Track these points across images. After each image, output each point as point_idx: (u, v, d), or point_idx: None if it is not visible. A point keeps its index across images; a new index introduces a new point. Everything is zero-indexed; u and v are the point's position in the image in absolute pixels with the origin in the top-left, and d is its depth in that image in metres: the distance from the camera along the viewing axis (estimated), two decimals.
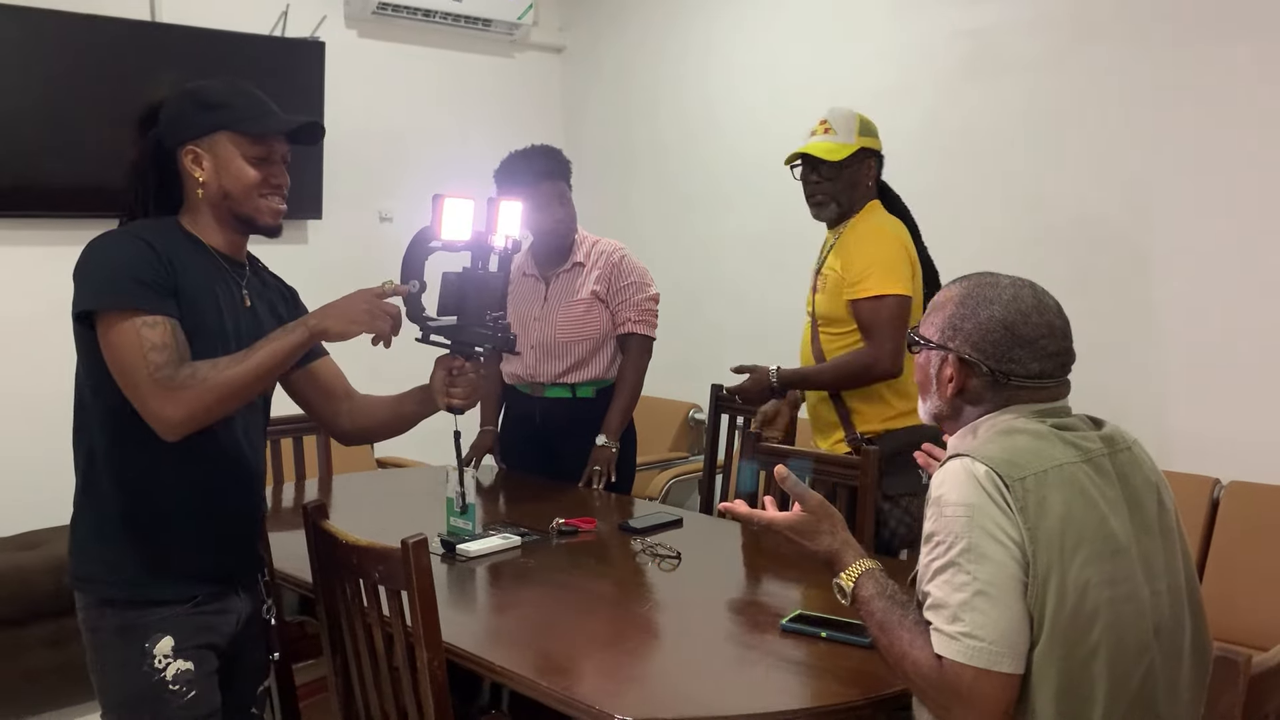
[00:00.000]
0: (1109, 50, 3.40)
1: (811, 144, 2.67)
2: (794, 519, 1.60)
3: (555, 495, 2.88)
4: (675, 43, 4.81)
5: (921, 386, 1.61)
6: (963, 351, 1.51)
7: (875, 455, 2.53)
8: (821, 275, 2.73)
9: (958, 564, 1.37)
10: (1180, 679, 1.45)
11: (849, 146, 2.65)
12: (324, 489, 3.13)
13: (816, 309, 2.75)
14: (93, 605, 1.74)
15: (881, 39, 4.03)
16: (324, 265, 4.36)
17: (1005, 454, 1.41)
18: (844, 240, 2.70)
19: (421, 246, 1.85)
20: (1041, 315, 1.50)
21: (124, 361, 1.63)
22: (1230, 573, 3.01)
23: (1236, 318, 3.17)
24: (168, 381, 1.61)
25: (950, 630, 1.37)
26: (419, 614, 1.71)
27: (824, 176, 2.67)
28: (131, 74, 3.66)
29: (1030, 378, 1.49)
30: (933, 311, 1.59)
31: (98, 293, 1.65)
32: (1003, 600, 1.35)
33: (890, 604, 1.48)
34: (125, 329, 1.62)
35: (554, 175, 3.02)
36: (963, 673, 1.35)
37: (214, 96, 1.76)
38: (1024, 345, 1.49)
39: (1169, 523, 1.50)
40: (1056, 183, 3.56)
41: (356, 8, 4.52)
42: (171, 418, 1.63)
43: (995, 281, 1.54)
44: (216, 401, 1.65)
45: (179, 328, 1.67)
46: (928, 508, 1.45)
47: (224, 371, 1.65)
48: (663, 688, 1.70)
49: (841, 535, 1.59)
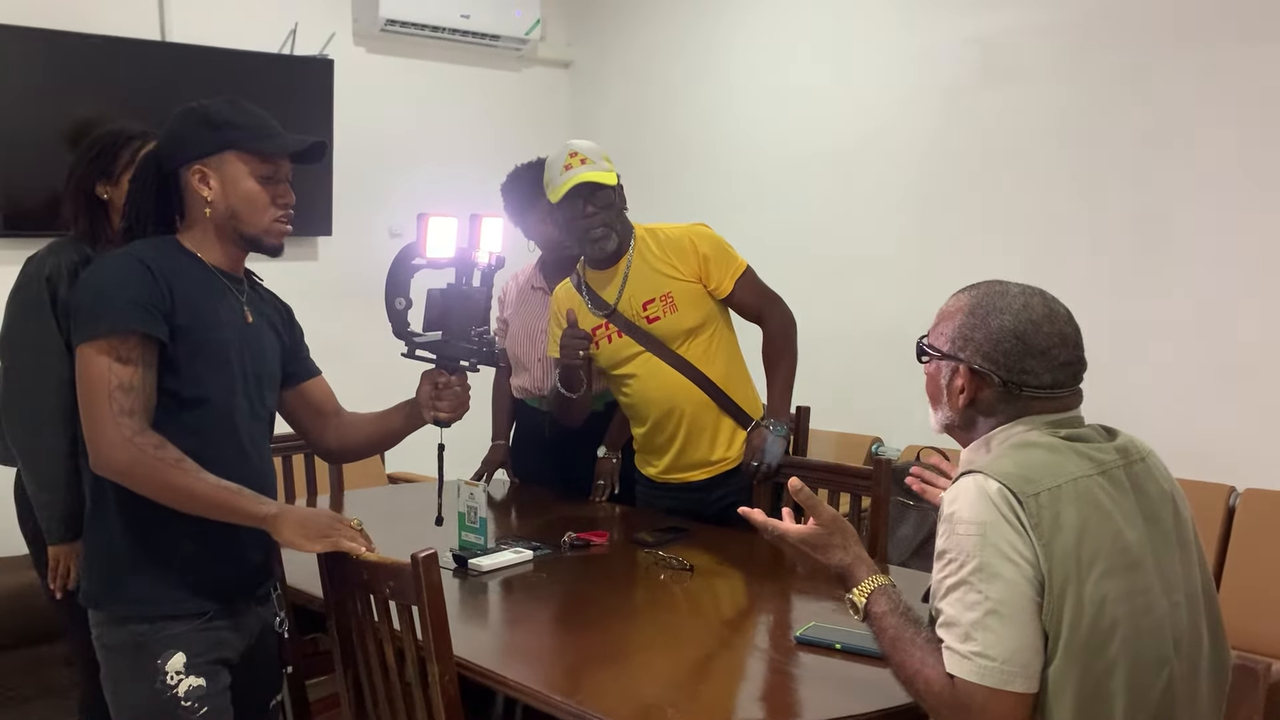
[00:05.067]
0: (1121, 56, 3.40)
1: (585, 174, 2.58)
2: (807, 532, 1.59)
3: (567, 508, 2.88)
4: (682, 56, 4.82)
5: (932, 397, 1.59)
6: (974, 362, 1.49)
7: (887, 465, 2.53)
8: (656, 302, 2.66)
9: (969, 583, 1.36)
10: (1199, 691, 1.43)
11: (611, 173, 2.63)
12: (336, 504, 3.13)
13: (674, 329, 2.66)
14: (105, 623, 1.74)
15: (890, 47, 4.04)
16: (334, 281, 4.39)
17: (1019, 469, 1.40)
18: (646, 260, 2.68)
19: (405, 264, 1.87)
20: (1053, 324, 1.48)
21: (89, 391, 1.66)
22: (1247, 580, 2.99)
23: (1253, 325, 3.16)
24: (132, 433, 1.64)
25: (962, 649, 1.35)
26: (430, 629, 1.70)
27: (601, 205, 2.62)
28: (142, 94, 3.69)
29: (1043, 388, 1.48)
30: (941, 321, 1.56)
31: (87, 324, 1.68)
32: (1015, 620, 1.34)
33: (903, 621, 1.46)
34: (98, 362, 1.65)
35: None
36: (975, 692, 1.34)
37: (219, 116, 1.77)
38: (1036, 355, 1.47)
39: (1186, 534, 1.48)
40: (1070, 189, 3.55)
41: (365, 25, 4.55)
42: (114, 462, 1.66)
43: (1005, 290, 1.52)
44: (157, 488, 1.67)
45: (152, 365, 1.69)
46: (940, 524, 1.43)
47: (185, 474, 1.67)
48: (676, 700, 1.69)
49: (854, 550, 1.57)
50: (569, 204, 2.63)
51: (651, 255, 2.70)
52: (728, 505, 2.71)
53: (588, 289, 2.77)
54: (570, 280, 2.85)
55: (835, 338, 3.82)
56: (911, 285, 3.87)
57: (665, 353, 2.68)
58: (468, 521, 2.48)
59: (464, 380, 1.91)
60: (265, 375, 1.87)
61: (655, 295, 2.67)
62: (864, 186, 4.15)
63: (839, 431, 3.98)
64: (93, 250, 2.33)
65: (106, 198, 2.37)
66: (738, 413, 2.72)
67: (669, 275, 2.68)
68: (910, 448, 3.81)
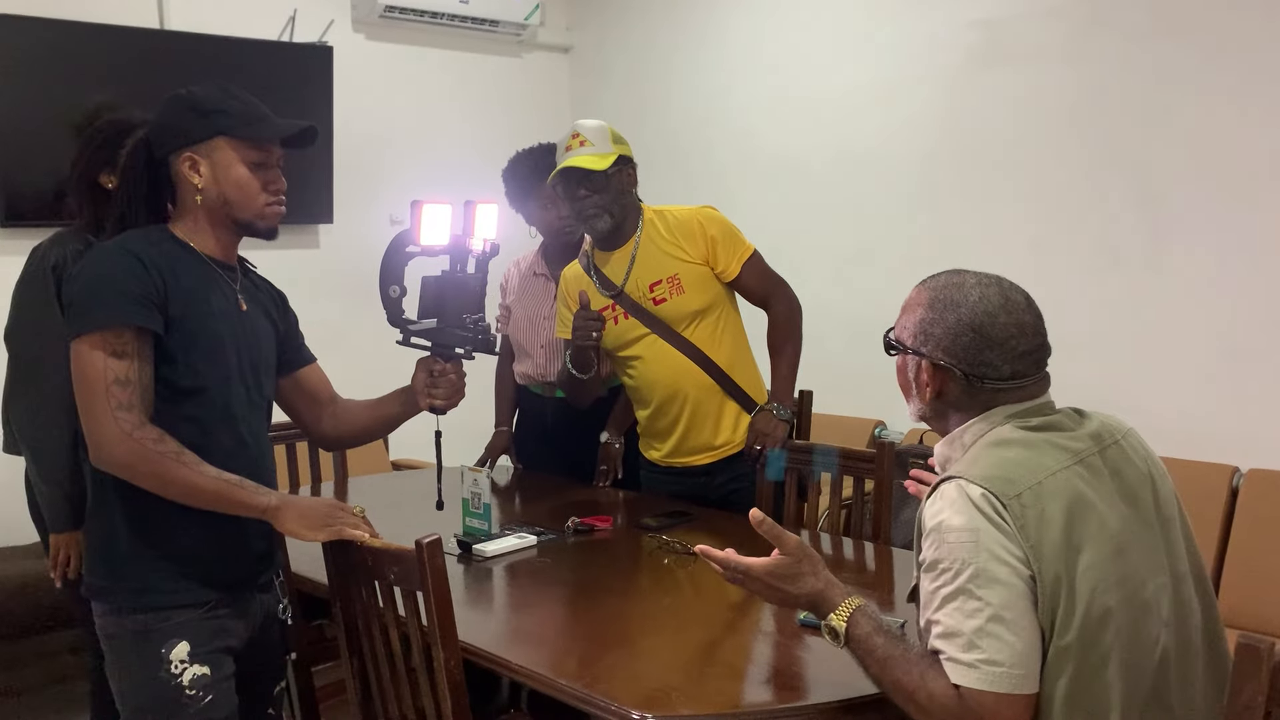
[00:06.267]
0: (1121, 39, 3.38)
1: (573, 159, 2.61)
2: (773, 564, 1.56)
3: (570, 494, 2.88)
4: (683, 39, 4.80)
5: (903, 389, 1.60)
6: (935, 357, 1.50)
7: (890, 448, 2.53)
8: (663, 284, 2.66)
9: (968, 590, 1.35)
10: (1192, 668, 1.43)
11: (609, 155, 2.63)
12: (340, 492, 3.14)
13: (680, 311, 2.66)
14: (109, 613, 1.75)
15: (892, 31, 4.02)
16: (335, 269, 4.38)
17: (998, 470, 1.39)
18: (654, 241, 2.68)
19: (400, 251, 1.87)
20: (1010, 314, 1.48)
21: (86, 387, 1.65)
22: (1251, 560, 2.99)
23: (1257, 305, 3.15)
24: (131, 427, 1.64)
25: (967, 658, 1.34)
26: (435, 614, 1.71)
27: (593, 189, 2.63)
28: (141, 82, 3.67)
29: (1003, 379, 1.48)
30: (904, 314, 1.57)
31: (81, 317, 1.67)
32: (1017, 622, 1.33)
33: (889, 639, 1.44)
34: (93, 357, 1.64)
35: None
36: (983, 699, 1.33)
37: (208, 102, 1.76)
38: (994, 347, 1.47)
39: (1168, 512, 1.48)
40: (1074, 170, 3.54)
41: (364, 11, 4.53)
42: (114, 458, 1.65)
43: (961, 282, 1.52)
44: (157, 481, 1.67)
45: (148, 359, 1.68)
46: (926, 535, 1.42)
47: (185, 468, 1.67)
48: (682, 684, 1.70)
49: (824, 575, 1.54)
50: (562, 185, 2.69)
51: (659, 237, 2.70)
52: (731, 490, 2.71)
53: (596, 270, 2.77)
54: (579, 261, 2.85)
55: (837, 321, 3.81)
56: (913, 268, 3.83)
57: (671, 335, 2.68)
58: (472, 507, 2.48)
59: (459, 368, 1.91)
60: (261, 363, 1.87)
61: (662, 277, 2.67)
62: (865, 170, 4.14)
63: (842, 415, 3.98)
64: (97, 240, 2.33)
65: (110, 186, 2.37)
66: (742, 397, 2.72)
67: (677, 257, 2.68)
68: (913, 431, 3.81)
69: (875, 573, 2.30)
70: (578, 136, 2.64)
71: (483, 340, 1.89)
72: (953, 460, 1.52)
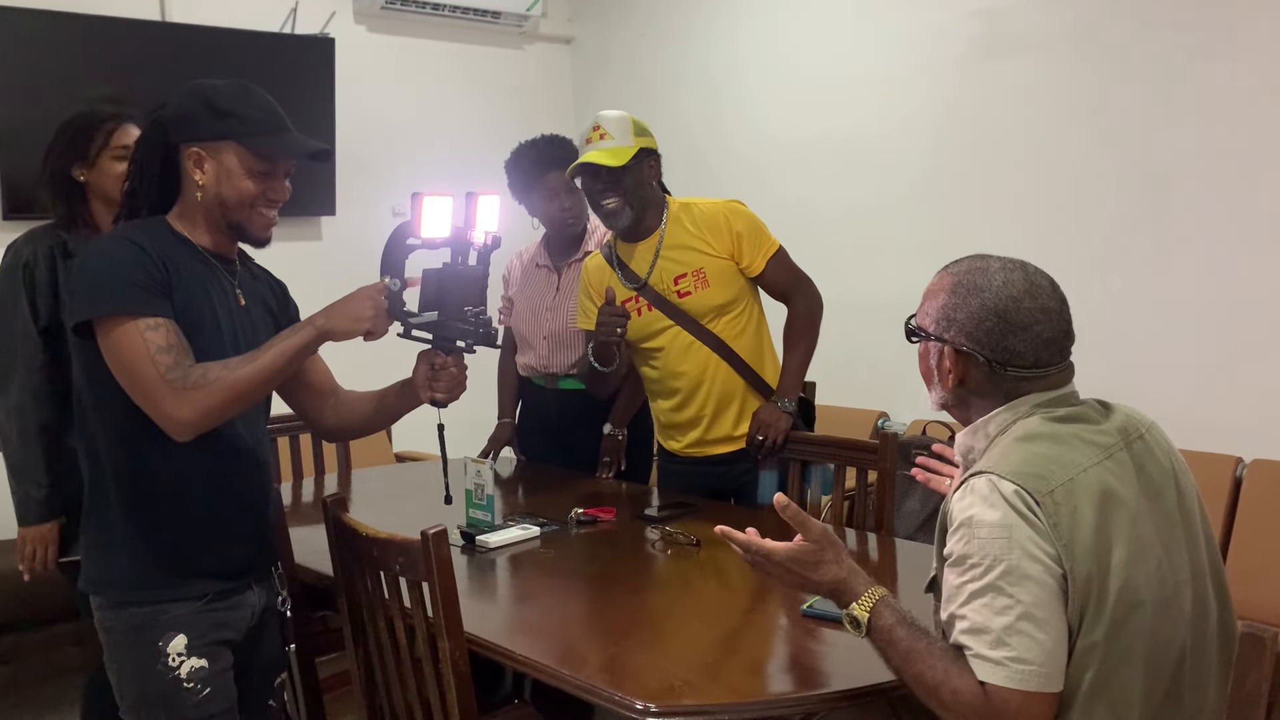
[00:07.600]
0: (1125, 28, 3.37)
1: (590, 153, 2.60)
2: (795, 549, 1.54)
3: (574, 486, 2.89)
4: (685, 29, 4.79)
5: (925, 377, 1.57)
6: (958, 343, 1.47)
7: (893, 439, 2.53)
8: (687, 277, 2.66)
9: (998, 587, 1.32)
10: (1206, 663, 1.43)
11: (628, 149, 2.61)
12: (343, 483, 3.14)
13: (704, 305, 2.66)
14: (106, 607, 1.75)
15: (894, 20, 4.01)
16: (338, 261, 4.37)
17: (1030, 466, 1.37)
18: (679, 235, 2.68)
19: (400, 244, 1.86)
20: (1034, 299, 1.45)
21: (131, 367, 1.63)
22: (1254, 550, 2.99)
23: (1261, 296, 3.15)
24: (179, 383, 1.62)
25: (995, 655, 1.32)
26: (440, 604, 1.71)
27: (609, 183, 2.62)
28: (143, 75, 3.67)
29: (1028, 367, 1.45)
30: (926, 300, 1.54)
31: (93, 301, 1.65)
32: (1048, 621, 1.31)
33: (913, 632, 1.42)
34: (128, 333, 1.62)
35: (561, 165, 3.00)
36: (1010, 697, 1.31)
37: (226, 103, 1.74)
38: (1018, 332, 1.44)
39: (1189, 507, 1.47)
40: (1075, 163, 3.54)
41: (365, 3, 4.53)
42: (184, 419, 1.63)
43: (985, 267, 1.49)
44: (227, 402, 1.65)
45: (177, 328, 1.67)
46: (954, 529, 1.39)
47: (235, 372, 1.65)
48: (685, 674, 1.70)
49: (847, 563, 1.52)
50: (580, 179, 2.69)
51: (685, 230, 2.69)
52: (750, 480, 2.71)
53: (619, 261, 2.76)
54: (601, 252, 2.85)
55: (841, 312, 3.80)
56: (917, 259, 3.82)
57: (695, 328, 2.68)
58: (475, 499, 2.48)
59: (460, 361, 1.89)
60: None
61: (687, 270, 2.66)
62: (868, 160, 4.14)
63: (845, 406, 3.98)
64: (68, 235, 2.32)
65: (83, 180, 2.35)
66: (765, 389, 2.72)
67: (702, 251, 2.67)
68: (916, 422, 3.82)
69: (878, 564, 2.31)
70: (598, 129, 2.63)
71: (484, 333, 1.88)
72: (976, 450, 1.50)
